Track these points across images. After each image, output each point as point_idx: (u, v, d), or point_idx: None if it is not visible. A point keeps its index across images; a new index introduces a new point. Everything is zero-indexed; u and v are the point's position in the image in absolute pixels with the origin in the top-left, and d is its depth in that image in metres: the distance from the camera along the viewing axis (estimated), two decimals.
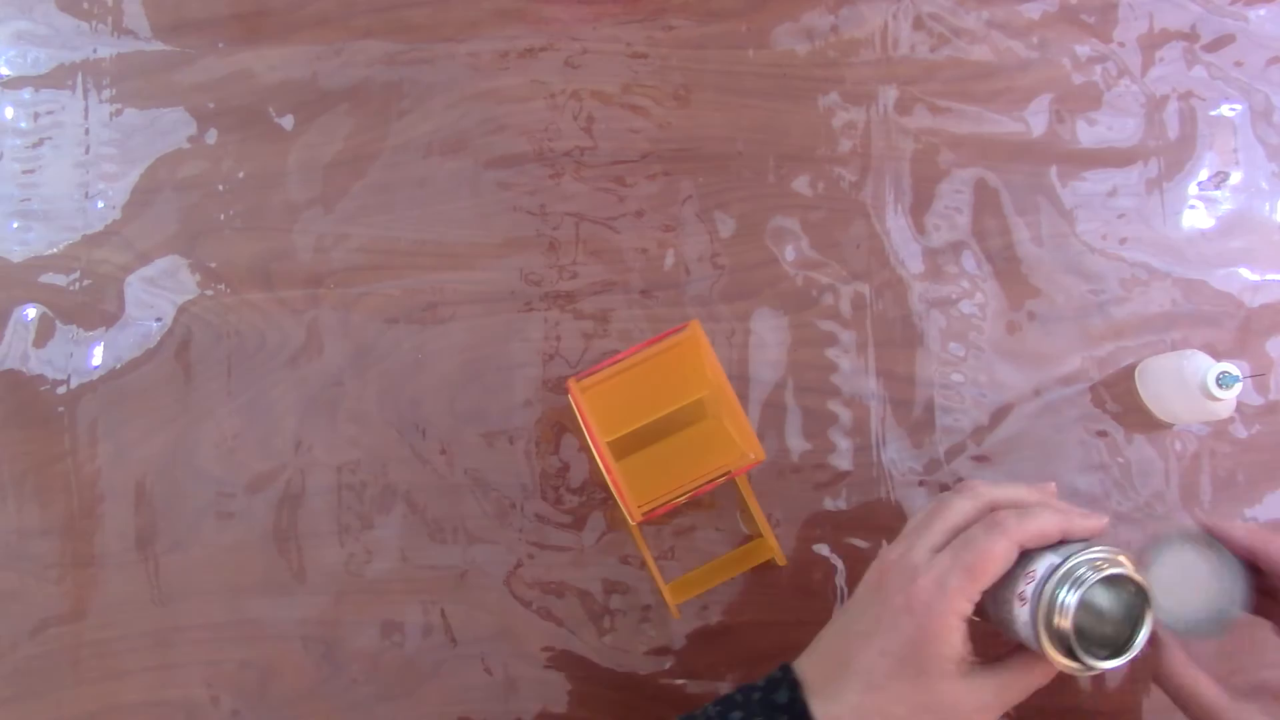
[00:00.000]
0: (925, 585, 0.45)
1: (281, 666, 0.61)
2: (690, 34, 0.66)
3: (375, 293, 0.64)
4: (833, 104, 0.66)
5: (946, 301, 0.64)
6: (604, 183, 0.65)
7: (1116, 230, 0.65)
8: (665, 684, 0.60)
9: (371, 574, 0.61)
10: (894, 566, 0.47)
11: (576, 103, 0.66)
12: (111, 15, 0.66)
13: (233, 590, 0.61)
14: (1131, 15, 0.67)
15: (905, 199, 0.65)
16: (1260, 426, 0.63)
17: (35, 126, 0.65)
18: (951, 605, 0.44)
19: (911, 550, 0.47)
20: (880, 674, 0.45)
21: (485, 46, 0.66)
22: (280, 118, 0.65)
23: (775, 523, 0.62)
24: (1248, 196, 0.66)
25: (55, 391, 0.63)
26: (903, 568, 0.46)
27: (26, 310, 0.64)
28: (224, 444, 0.62)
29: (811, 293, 0.64)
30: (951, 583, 0.44)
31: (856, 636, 0.47)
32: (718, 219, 0.64)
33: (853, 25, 0.66)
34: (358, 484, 0.62)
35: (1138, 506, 0.62)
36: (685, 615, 0.61)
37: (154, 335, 0.63)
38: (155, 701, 0.60)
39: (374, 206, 0.64)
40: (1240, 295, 0.65)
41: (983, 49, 0.66)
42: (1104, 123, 0.66)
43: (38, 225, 0.65)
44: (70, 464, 0.62)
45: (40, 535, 0.62)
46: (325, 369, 0.63)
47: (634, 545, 0.61)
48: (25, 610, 0.61)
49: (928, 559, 0.46)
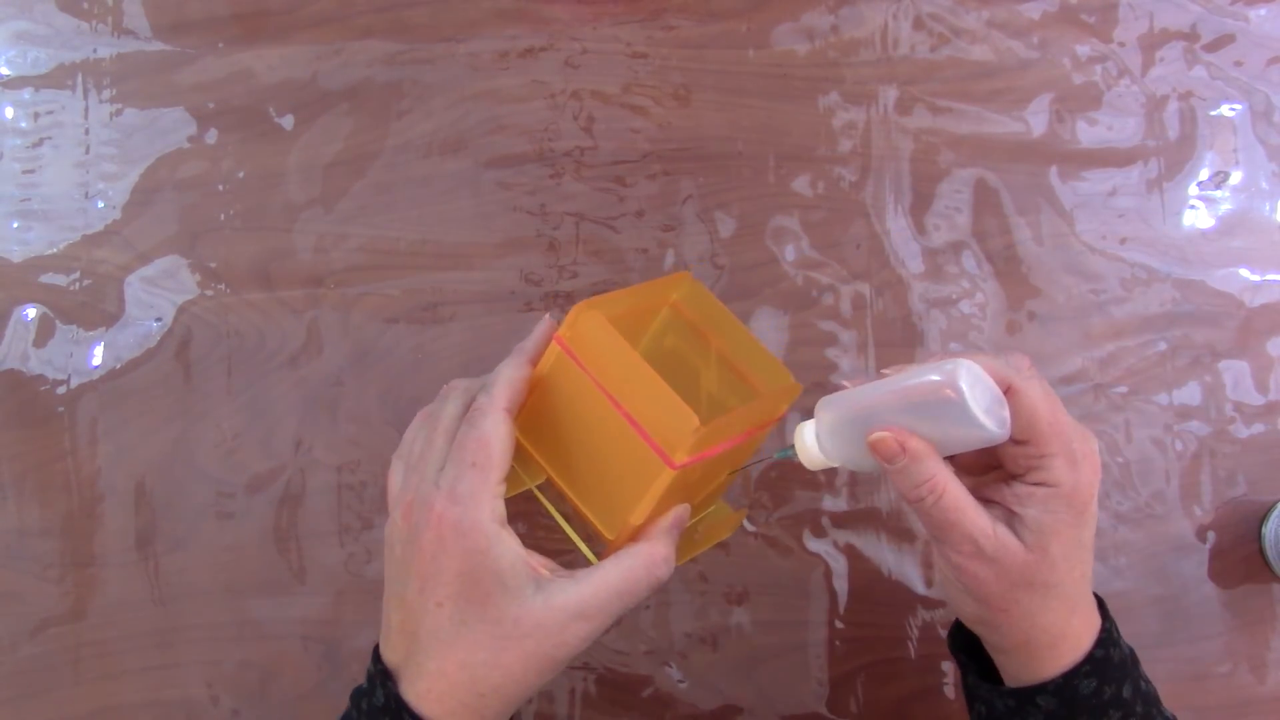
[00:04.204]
0: (443, 508, 0.40)
1: (281, 666, 0.61)
2: (690, 34, 0.66)
3: (375, 293, 0.64)
4: (833, 104, 0.66)
5: (946, 301, 0.64)
6: (604, 183, 0.65)
7: (1116, 230, 0.65)
8: (665, 684, 0.60)
9: (371, 574, 0.61)
10: (412, 505, 0.41)
11: (576, 103, 0.66)
12: (111, 15, 0.66)
13: (233, 590, 0.61)
14: (1132, 15, 0.67)
15: (905, 199, 0.65)
16: (1260, 426, 0.63)
17: (35, 126, 0.65)
18: (479, 513, 0.39)
19: (422, 480, 0.41)
20: (446, 628, 0.40)
21: (485, 46, 0.66)
22: (280, 118, 0.65)
23: (774, 522, 0.62)
24: (1248, 196, 0.66)
25: (55, 391, 0.63)
26: (420, 502, 0.41)
27: (26, 310, 0.64)
28: (224, 444, 0.62)
29: (811, 293, 0.64)
30: (463, 488, 0.40)
31: (413, 599, 0.41)
32: (718, 219, 0.64)
33: (853, 25, 0.66)
34: (358, 484, 0.62)
35: (1138, 506, 0.62)
36: (684, 615, 0.61)
37: (154, 335, 0.63)
38: (155, 701, 0.60)
39: (374, 206, 0.64)
40: (1240, 295, 0.65)
41: (983, 49, 0.66)
42: (1104, 123, 0.66)
43: (38, 225, 0.65)
44: (70, 464, 0.62)
45: (40, 535, 0.62)
46: (325, 369, 0.63)
47: None
48: (25, 610, 0.61)
49: (437, 480, 0.41)
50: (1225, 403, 0.63)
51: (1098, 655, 0.43)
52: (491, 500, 0.40)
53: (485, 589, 0.40)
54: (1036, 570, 0.41)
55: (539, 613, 0.40)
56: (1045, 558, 0.41)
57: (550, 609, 0.40)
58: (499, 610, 0.40)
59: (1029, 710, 0.43)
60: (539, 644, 0.40)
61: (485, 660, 0.40)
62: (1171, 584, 0.62)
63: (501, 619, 0.40)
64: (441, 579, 0.40)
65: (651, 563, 0.41)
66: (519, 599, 0.40)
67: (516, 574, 0.40)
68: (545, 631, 0.40)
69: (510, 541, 0.40)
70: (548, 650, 0.40)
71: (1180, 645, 0.61)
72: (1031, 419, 0.41)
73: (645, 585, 0.41)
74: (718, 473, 0.49)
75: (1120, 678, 0.43)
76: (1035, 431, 0.41)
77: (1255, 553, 0.62)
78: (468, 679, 0.40)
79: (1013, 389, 0.41)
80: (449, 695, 0.40)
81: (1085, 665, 0.42)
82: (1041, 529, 0.41)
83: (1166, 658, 0.61)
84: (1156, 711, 0.44)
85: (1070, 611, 0.42)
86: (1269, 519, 0.61)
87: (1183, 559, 0.62)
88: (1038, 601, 0.42)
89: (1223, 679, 0.61)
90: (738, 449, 0.47)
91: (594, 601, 0.40)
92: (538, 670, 0.40)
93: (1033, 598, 0.42)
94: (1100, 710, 0.42)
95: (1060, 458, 0.41)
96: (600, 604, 0.40)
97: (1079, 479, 0.41)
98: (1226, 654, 0.61)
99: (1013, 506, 0.42)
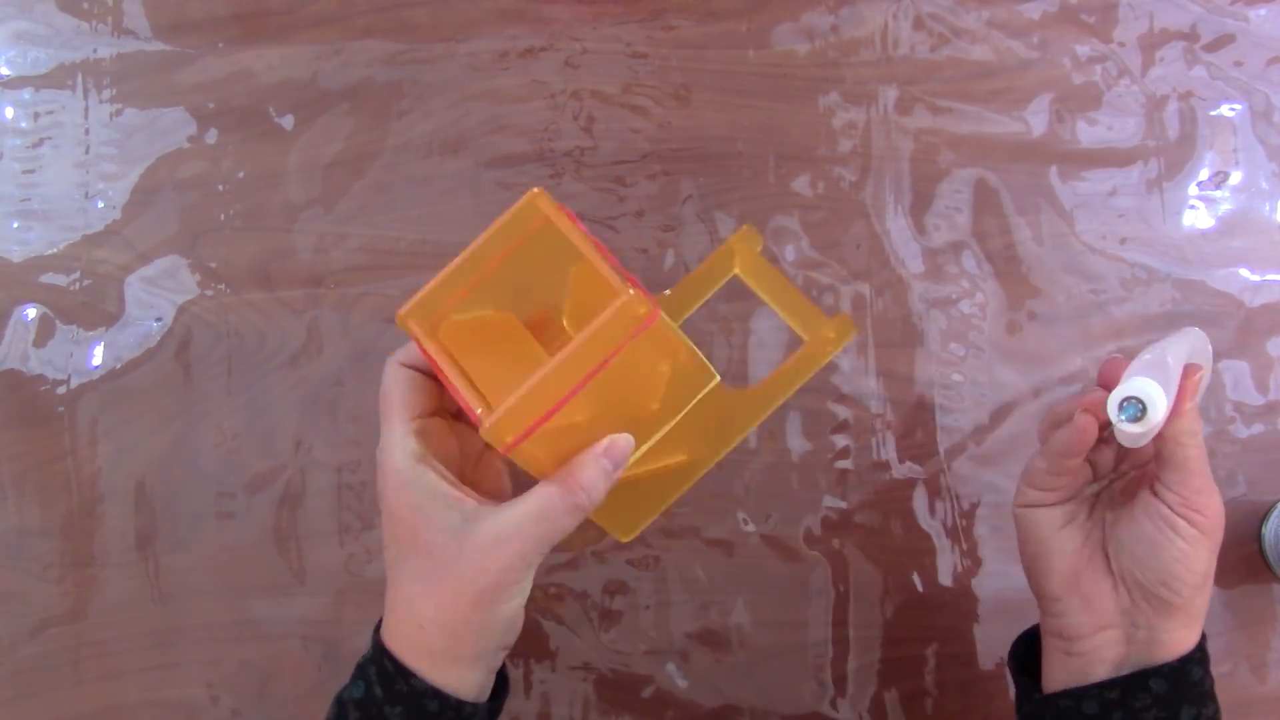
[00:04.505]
0: (377, 463, 0.42)
1: (281, 666, 0.61)
2: (690, 34, 0.66)
3: (375, 293, 0.64)
4: (833, 104, 0.66)
5: (946, 301, 0.64)
6: (604, 183, 0.65)
7: (1116, 230, 0.65)
8: (665, 684, 0.60)
9: (371, 574, 0.61)
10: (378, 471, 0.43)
11: (576, 103, 0.65)
12: (111, 15, 0.66)
13: (233, 590, 0.61)
14: (1131, 15, 0.67)
15: (905, 199, 0.65)
16: (1260, 426, 0.63)
17: (35, 126, 0.65)
18: (392, 456, 0.41)
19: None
20: (392, 567, 0.43)
21: (485, 46, 0.66)
22: (280, 118, 0.65)
23: (775, 522, 0.62)
24: (1248, 196, 0.66)
25: (55, 391, 0.63)
26: (379, 466, 0.43)
27: (26, 310, 0.64)
28: (224, 444, 0.62)
29: (812, 292, 0.64)
30: (382, 441, 0.42)
31: (390, 570, 0.44)
32: (718, 219, 0.64)
33: (853, 25, 0.66)
34: (358, 484, 0.62)
35: None
36: (684, 615, 0.61)
37: (154, 335, 0.63)
38: (155, 701, 0.60)
39: (374, 206, 0.64)
40: (1240, 295, 0.65)
41: (983, 49, 0.66)
42: (1104, 123, 0.66)
43: (38, 225, 0.65)
44: (70, 464, 0.62)
45: (40, 535, 0.62)
46: (325, 369, 0.63)
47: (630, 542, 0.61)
48: (25, 610, 0.61)
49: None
50: (1225, 403, 0.63)
51: (1206, 646, 0.45)
52: (402, 441, 0.42)
53: (411, 524, 0.41)
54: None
55: (461, 540, 0.40)
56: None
57: (470, 535, 0.40)
58: (426, 543, 0.41)
59: (1137, 694, 0.44)
60: (463, 571, 0.40)
61: (420, 592, 0.41)
62: None
63: (431, 551, 0.41)
64: (386, 524, 0.42)
65: (568, 488, 0.41)
66: (443, 529, 0.41)
67: (439, 505, 0.41)
68: (468, 559, 0.40)
69: (428, 476, 0.41)
70: (471, 576, 0.40)
71: None
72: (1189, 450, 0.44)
73: (562, 510, 0.40)
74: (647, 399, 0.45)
75: (1210, 675, 0.46)
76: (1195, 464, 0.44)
77: (1255, 553, 0.62)
78: (408, 612, 0.42)
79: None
80: (397, 630, 0.42)
81: (1197, 653, 0.44)
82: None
83: None
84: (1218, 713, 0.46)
85: (1187, 628, 0.45)
86: (1269, 519, 0.61)
87: None
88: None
89: (1223, 679, 0.61)
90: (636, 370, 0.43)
91: (511, 526, 0.40)
92: (470, 601, 0.41)
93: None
94: (1202, 699, 0.44)
95: (1206, 490, 0.44)
96: (516, 528, 0.40)
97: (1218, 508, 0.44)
98: (1226, 654, 0.61)
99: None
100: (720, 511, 0.62)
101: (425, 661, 0.41)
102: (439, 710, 0.41)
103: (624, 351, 0.40)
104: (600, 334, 0.39)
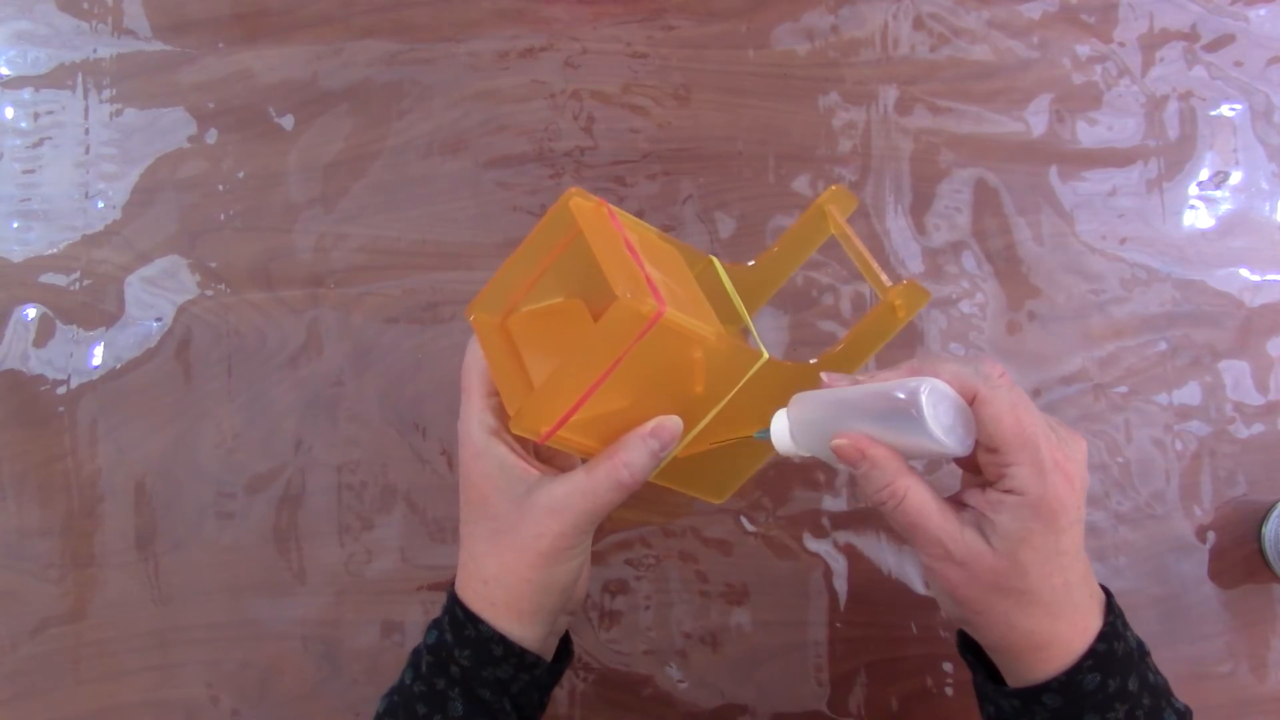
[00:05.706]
0: (461, 421, 0.46)
1: (281, 666, 0.61)
2: (690, 34, 0.66)
3: (375, 293, 0.64)
4: (833, 104, 0.66)
5: (946, 301, 0.64)
6: (604, 183, 0.65)
7: (1116, 230, 0.65)
8: (665, 684, 0.60)
9: (371, 574, 0.61)
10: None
11: (576, 103, 0.66)
12: (111, 15, 0.66)
13: (233, 590, 0.61)
14: (1131, 15, 0.67)
15: (905, 199, 0.65)
16: (1260, 426, 0.63)
17: (35, 126, 0.65)
18: (469, 428, 0.46)
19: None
20: (465, 530, 0.47)
21: (485, 46, 0.66)
22: (280, 118, 0.65)
23: (775, 522, 0.62)
24: (1248, 196, 0.66)
25: (55, 391, 0.63)
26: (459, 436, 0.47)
27: (26, 310, 0.64)
28: (224, 444, 0.62)
29: (811, 293, 0.64)
30: (461, 414, 0.46)
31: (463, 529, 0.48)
32: (718, 219, 0.64)
33: (853, 25, 0.66)
34: (358, 484, 0.62)
35: (1138, 506, 0.62)
36: (684, 615, 0.61)
37: (154, 335, 0.63)
38: (155, 701, 0.60)
39: (374, 206, 0.64)
40: (1240, 295, 0.65)
41: (983, 49, 0.66)
42: (1104, 123, 0.66)
43: (38, 225, 0.65)
44: (70, 464, 0.62)
45: (40, 535, 0.62)
46: (325, 369, 0.63)
47: (634, 544, 0.61)
48: (25, 610, 0.61)
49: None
50: (1225, 403, 0.63)
51: (1100, 650, 0.43)
52: (479, 415, 0.46)
53: (482, 491, 0.46)
54: (1007, 576, 0.42)
55: (522, 508, 0.45)
56: (1015, 564, 0.42)
57: (530, 504, 0.44)
58: (494, 508, 0.45)
59: (1035, 709, 0.43)
60: (522, 535, 0.45)
61: (485, 550, 0.46)
62: (1171, 584, 0.62)
63: (496, 515, 0.45)
64: (462, 489, 0.47)
65: (614, 465, 0.44)
66: (509, 497, 0.45)
67: (506, 475, 0.45)
68: (527, 524, 0.44)
69: (499, 448, 0.45)
70: (528, 541, 0.44)
71: (1180, 645, 0.61)
72: (996, 428, 0.41)
73: (606, 485, 0.44)
74: (688, 383, 0.46)
75: (1125, 671, 0.43)
76: (1001, 440, 0.41)
77: (1255, 553, 0.62)
78: (475, 568, 0.46)
79: (979, 398, 0.41)
80: (467, 584, 0.47)
81: (1088, 660, 0.42)
82: (1010, 536, 0.41)
83: (1167, 658, 0.61)
84: (1165, 703, 0.44)
85: (1053, 618, 0.43)
86: (1269, 519, 0.61)
87: (1183, 559, 0.62)
88: (1013, 606, 0.42)
89: (1223, 679, 0.61)
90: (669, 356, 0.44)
91: (561, 497, 0.44)
92: (529, 562, 0.45)
93: (1006, 602, 0.42)
94: (1106, 704, 0.42)
95: (1026, 466, 0.41)
96: (566, 500, 0.44)
97: (1047, 488, 0.41)
98: (1226, 654, 0.61)
99: (986, 512, 0.42)
100: (720, 511, 0.62)
101: (490, 612, 0.46)
102: (503, 655, 0.45)
103: (638, 347, 0.41)
104: (606, 335, 0.41)
